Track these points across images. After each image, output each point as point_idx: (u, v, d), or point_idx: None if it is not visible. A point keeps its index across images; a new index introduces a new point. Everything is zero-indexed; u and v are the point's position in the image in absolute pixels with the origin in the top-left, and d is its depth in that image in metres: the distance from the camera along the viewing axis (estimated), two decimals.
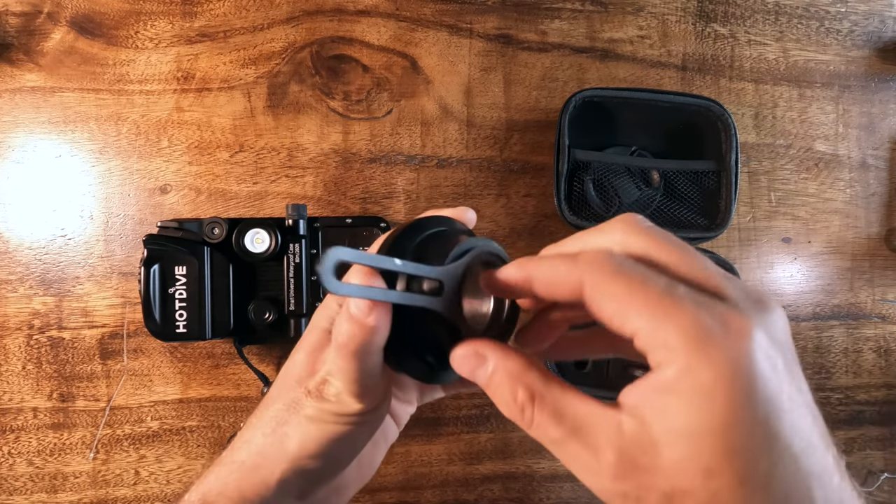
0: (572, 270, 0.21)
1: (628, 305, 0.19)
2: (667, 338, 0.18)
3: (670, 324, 0.18)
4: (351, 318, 0.23)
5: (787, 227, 0.60)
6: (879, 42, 0.62)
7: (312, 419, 0.26)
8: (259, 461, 0.27)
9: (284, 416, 0.27)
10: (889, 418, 0.61)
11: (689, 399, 0.18)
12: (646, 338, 0.19)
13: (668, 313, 0.18)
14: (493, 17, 0.57)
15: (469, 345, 0.23)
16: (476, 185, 0.56)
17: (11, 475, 0.51)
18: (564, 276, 0.21)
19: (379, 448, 0.32)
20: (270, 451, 0.27)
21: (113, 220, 0.53)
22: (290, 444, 0.27)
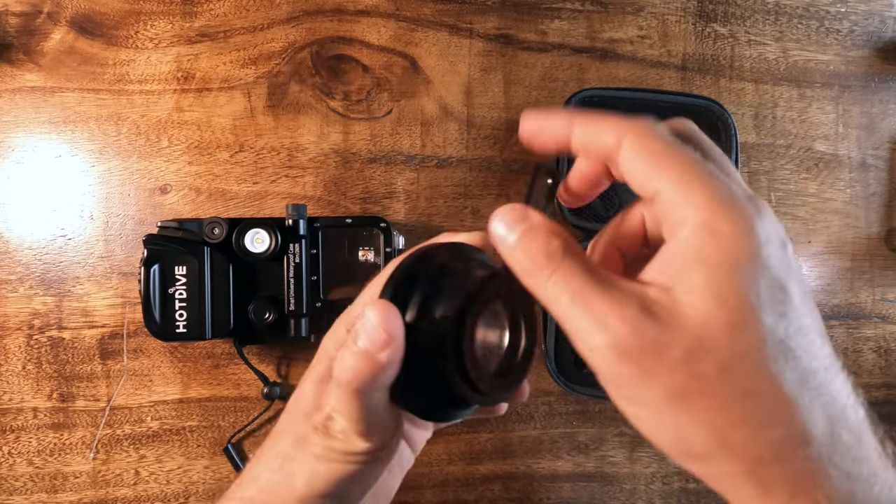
0: (616, 128, 0.21)
1: (663, 164, 0.19)
2: (693, 197, 0.18)
3: (701, 185, 0.19)
4: (359, 353, 0.22)
5: (787, 227, 0.60)
6: (879, 42, 0.62)
7: (320, 458, 0.25)
8: (266, 499, 0.26)
9: (292, 452, 0.26)
10: (889, 418, 0.61)
11: (706, 248, 0.18)
12: (672, 198, 0.19)
13: (700, 177, 0.19)
14: (493, 17, 0.57)
15: (515, 206, 0.22)
16: (476, 185, 0.56)
17: (11, 475, 0.51)
18: (606, 133, 0.21)
19: (395, 476, 0.32)
20: (278, 490, 0.26)
21: (113, 220, 0.53)
22: (297, 482, 0.26)
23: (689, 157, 0.19)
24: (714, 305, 0.18)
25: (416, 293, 0.24)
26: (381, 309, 0.22)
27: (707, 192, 0.19)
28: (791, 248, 0.20)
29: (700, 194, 0.19)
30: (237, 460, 0.52)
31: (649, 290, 0.19)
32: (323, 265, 0.49)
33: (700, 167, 0.19)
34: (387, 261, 0.49)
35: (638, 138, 0.20)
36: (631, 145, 0.20)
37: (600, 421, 0.57)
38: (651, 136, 0.20)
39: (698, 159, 0.20)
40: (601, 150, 0.21)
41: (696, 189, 0.19)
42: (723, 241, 0.18)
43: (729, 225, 0.18)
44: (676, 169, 0.19)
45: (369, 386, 0.23)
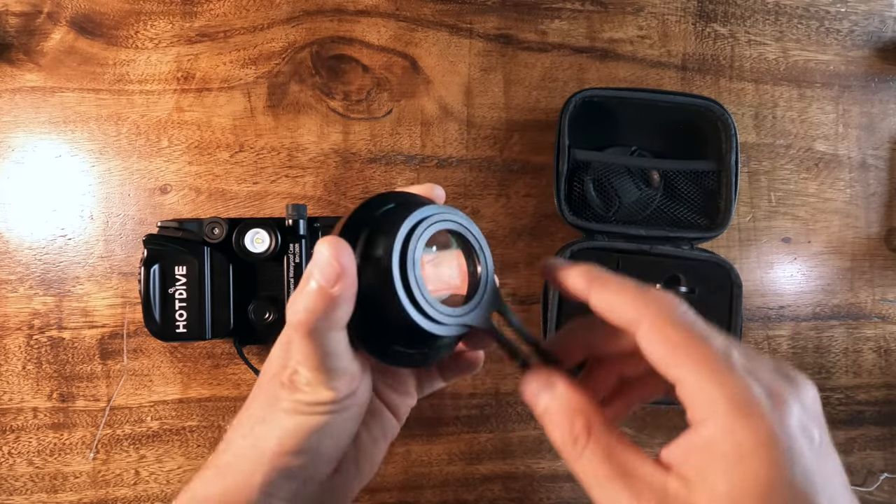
0: (638, 301, 0.21)
1: (683, 355, 0.20)
2: (714, 397, 0.19)
3: (720, 385, 0.19)
4: (312, 291, 0.22)
5: (787, 227, 0.60)
6: (879, 42, 0.62)
7: (288, 412, 0.26)
8: (239, 464, 0.26)
9: (261, 413, 0.27)
10: (889, 418, 0.61)
11: (730, 461, 0.18)
12: (692, 391, 0.19)
13: (721, 374, 0.19)
14: (493, 17, 0.57)
15: (541, 373, 0.23)
16: (476, 185, 0.56)
17: (11, 475, 0.51)
18: (628, 304, 0.21)
19: (378, 445, 0.31)
20: (249, 453, 0.26)
21: (113, 220, 0.53)
22: (267, 442, 0.26)
23: (710, 351, 0.20)
24: None
25: (364, 231, 0.24)
26: (332, 243, 0.22)
27: (727, 392, 0.19)
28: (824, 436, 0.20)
29: (720, 394, 0.19)
30: None
31: (669, 484, 0.19)
32: None
33: (721, 362, 0.19)
34: None
35: (657, 323, 0.21)
36: (650, 331, 0.21)
37: None
38: (670, 321, 0.20)
39: (720, 349, 0.20)
40: (619, 323, 0.22)
41: (715, 388, 0.19)
42: (744, 457, 0.18)
43: (750, 437, 0.18)
44: (696, 363, 0.19)
45: (324, 323, 0.23)
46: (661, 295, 0.21)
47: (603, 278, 0.23)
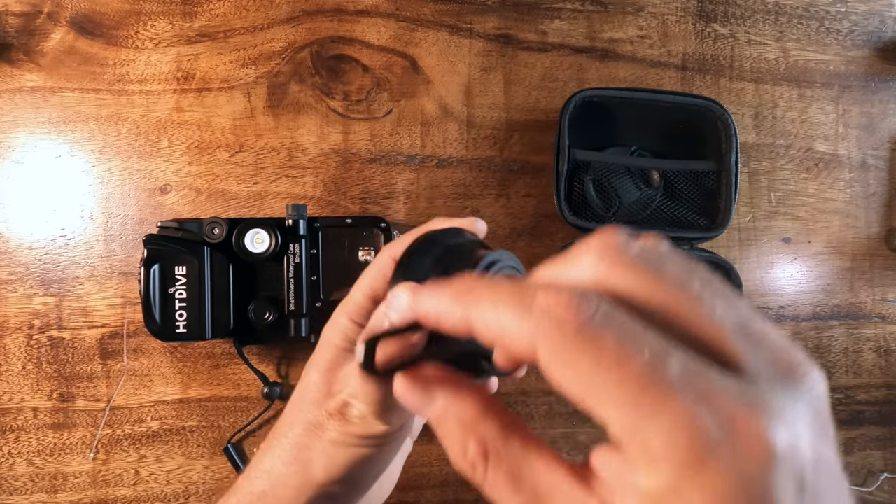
0: (522, 324, 0.15)
1: (597, 390, 0.14)
2: (648, 442, 0.13)
3: (653, 424, 0.13)
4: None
5: (787, 227, 0.60)
6: (879, 42, 0.62)
7: (336, 443, 0.25)
8: (282, 491, 0.26)
9: (305, 440, 0.26)
10: (889, 418, 0.61)
11: None
12: (620, 434, 0.14)
13: (653, 408, 0.13)
14: (493, 17, 0.57)
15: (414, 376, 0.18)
16: (476, 185, 0.56)
17: (11, 475, 0.51)
18: (513, 331, 0.15)
19: (397, 463, 0.32)
20: (294, 480, 0.26)
21: (113, 220, 0.53)
22: (315, 471, 0.26)
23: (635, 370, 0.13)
24: None
25: (429, 273, 0.24)
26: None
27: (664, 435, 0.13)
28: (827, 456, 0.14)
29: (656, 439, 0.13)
30: (237, 460, 0.52)
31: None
32: (323, 265, 0.49)
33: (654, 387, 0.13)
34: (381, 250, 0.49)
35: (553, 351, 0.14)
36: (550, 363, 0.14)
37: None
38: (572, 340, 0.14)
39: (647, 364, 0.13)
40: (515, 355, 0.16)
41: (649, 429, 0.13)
42: None
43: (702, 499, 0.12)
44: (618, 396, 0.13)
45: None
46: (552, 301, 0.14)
47: (476, 294, 0.16)
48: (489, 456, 0.17)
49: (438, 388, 0.18)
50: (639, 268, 0.15)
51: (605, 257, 0.16)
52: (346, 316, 0.28)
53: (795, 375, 0.14)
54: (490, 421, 0.17)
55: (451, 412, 0.17)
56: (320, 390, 0.26)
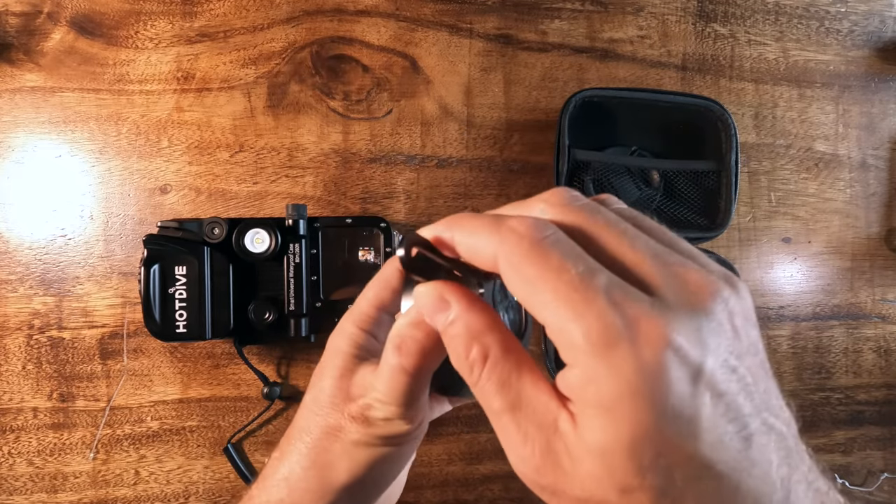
0: (491, 238, 0.18)
1: (539, 292, 0.17)
2: (571, 337, 0.16)
3: (576, 322, 0.16)
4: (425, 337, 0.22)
5: (787, 227, 0.60)
6: (879, 42, 0.62)
7: (359, 444, 0.26)
8: (302, 497, 0.26)
9: (324, 444, 0.26)
10: (889, 418, 0.61)
11: (595, 412, 0.16)
12: (552, 331, 0.17)
13: (577, 309, 0.16)
14: (493, 17, 0.57)
15: (435, 286, 0.21)
16: (476, 185, 0.56)
17: (11, 475, 0.51)
18: (483, 244, 0.19)
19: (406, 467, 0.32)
20: (314, 484, 0.26)
21: (113, 220, 0.53)
22: (337, 473, 0.26)
23: (568, 279, 0.16)
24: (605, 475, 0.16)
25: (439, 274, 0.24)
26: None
27: (584, 330, 0.16)
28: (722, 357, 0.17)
29: (578, 333, 0.16)
30: (237, 460, 0.52)
31: (560, 422, 0.17)
32: (323, 265, 0.49)
33: (577, 292, 0.16)
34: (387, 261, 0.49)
35: (512, 259, 0.18)
36: (506, 269, 0.18)
37: None
38: (525, 253, 0.17)
39: (579, 275, 0.17)
40: (484, 267, 0.19)
41: (572, 326, 0.16)
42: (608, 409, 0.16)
43: (612, 385, 0.16)
44: (553, 298, 0.17)
45: (428, 368, 0.23)
46: (517, 223, 0.18)
47: (461, 219, 0.20)
48: (487, 360, 0.19)
49: (455, 298, 0.20)
50: (579, 211, 0.19)
51: (554, 204, 0.19)
52: (354, 324, 0.28)
53: (704, 297, 0.17)
54: (495, 335, 0.19)
55: (464, 319, 0.20)
56: (336, 395, 0.27)
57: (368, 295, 0.28)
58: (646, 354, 0.16)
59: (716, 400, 0.16)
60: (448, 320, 0.20)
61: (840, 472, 0.60)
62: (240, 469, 0.52)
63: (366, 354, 0.28)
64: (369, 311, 0.28)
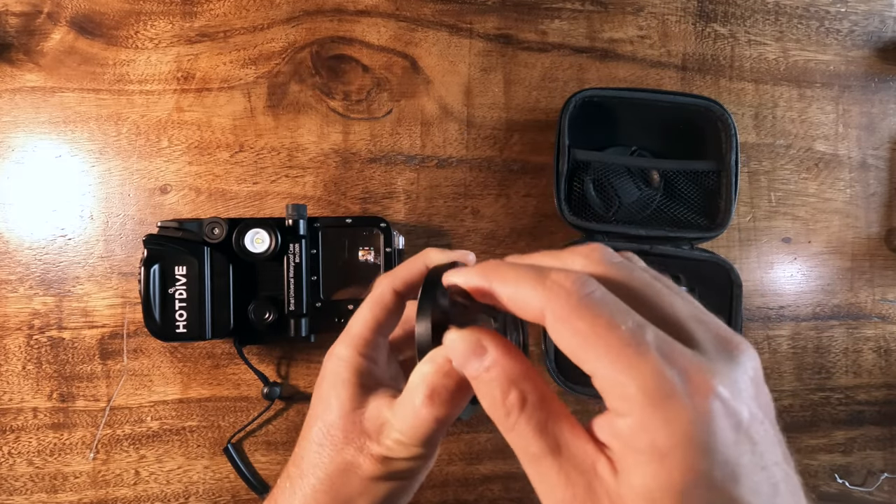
0: (537, 292, 0.19)
1: (590, 346, 0.18)
2: (625, 389, 0.17)
3: (630, 375, 0.17)
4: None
5: (787, 227, 0.60)
6: (879, 42, 0.62)
7: (377, 480, 0.26)
8: None
9: (341, 480, 0.26)
10: (889, 418, 0.61)
11: (647, 460, 0.17)
12: (604, 383, 0.18)
13: (631, 363, 0.17)
14: (493, 17, 0.57)
15: (471, 333, 0.21)
16: (476, 185, 0.56)
17: (11, 475, 0.51)
18: (528, 297, 0.19)
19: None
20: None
21: (113, 220, 0.53)
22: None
23: (621, 335, 0.18)
24: None
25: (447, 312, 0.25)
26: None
27: (639, 383, 0.17)
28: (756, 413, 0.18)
29: (632, 386, 0.17)
30: (237, 460, 0.52)
31: (599, 466, 0.18)
32: (323, 265, 0.49)
33: (630, 347, 0.17)
34: (387, 261, 0.49)
35: (561, 314, 0.18)
36: (555, 323, 0.19)
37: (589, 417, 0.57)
38: (575, 309, 0.18)
39: (631, 330, 0.18)
40: (528, 318, 0.20)
41: (626, 379, 0.17)
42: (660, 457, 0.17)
43: (665, 435, 0.17)
44: (605, 353, 0.18)
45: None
46: (562, 278, 0.19)
47: (500, 270, 0.21)
48: (525, 406, 0.20)
49: (491, 344, 0.21)
50: (618, 268, 0.20)
51: (594, 260, 0.21)
52: (355, 350, 0.28)
53: (734, 351, 0.19)
54: (532, 382, 0.20)
55: (501, 365, 0.20)
56: (349, 430, 0.27)
57: (364, 317, 0.28)
58: (698, 405, 0.17)
59: (752, 448, 0.17)
60: (484, 366, 0.21)
61: (840, 472, 0.60)
62: (240, 469, 0.52)
63: (370, 382, 0.28)
64: (366, 335, 0.28)
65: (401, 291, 0.29)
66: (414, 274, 0.29)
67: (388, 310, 0.29)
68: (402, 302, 0.30)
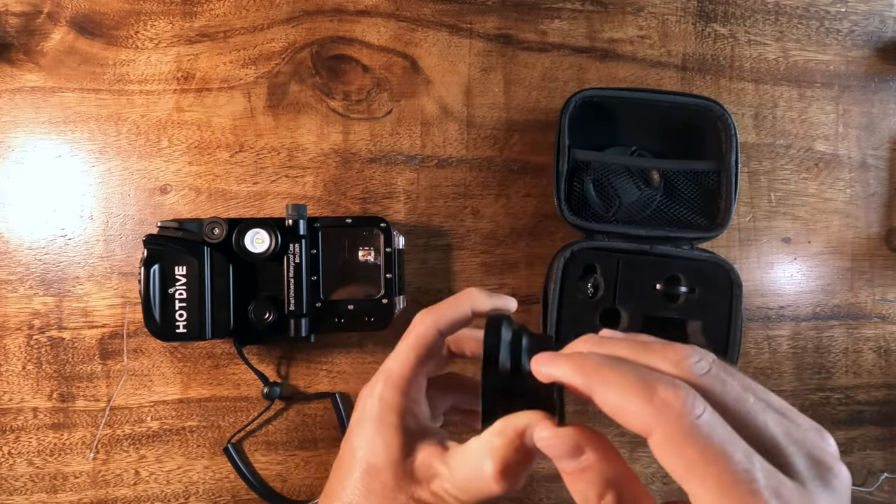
0: (645, 409, 0.19)
1: (698, 475, 0.18)
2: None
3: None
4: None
5: (787, 227, 0.60)
6: (879, 42, 0.62)
7: None
8: None
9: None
10: (889, 418, 0.61)
11: None
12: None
13: (742, 500, 0.17)
14: (493, 17, 0.57)
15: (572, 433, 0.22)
16: (476, 185, 0.56)
17: (11, 475, 0.51)
18: (636, 411, 0.19)
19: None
20: None
21: (113, 220, 0.53)
22: None
23: (731, 470, 0.18)
24: None
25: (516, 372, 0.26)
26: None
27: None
28: None
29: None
30: (237, 460, 0.52)
31: None
32: (323, 265, 0.49)
33: (742, 484, 0.18)
34: (387, 261, 0.49)
35: (672, 437, 0.18)
36: (664, 444, 0.19)
37: (600, 421, 0.57)
38: (685, 435, 0.18)
39: (741, 465, 0.18)
40: (628, 427, 0.20)
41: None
42: None
43: None
44: (715, 485, 0.18)
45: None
46: (672, 396, 0.19)
47: (602, 374, 0.21)
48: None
49: (590, 445, 0.21)
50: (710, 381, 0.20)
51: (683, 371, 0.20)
52: (398, 391, 0.28)
53: (828, 475, 0.19)
54: (629, 485, 0.21)
55: (599, 468, 0.21)
56: (401, 477, 0.27)
57: (407, 357, 0.28)
58: None
59: None
60: (580, 466, 0.21)
61: None
62: (240, 469, 0.52)
63: (414, 425, 0.28)
64: (408, 375, 0.28)
65: (444, 332, 0.29)
66: (459, 315, 0.29)
67: (430, 350, 0.29)
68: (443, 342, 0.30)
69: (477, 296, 0.30)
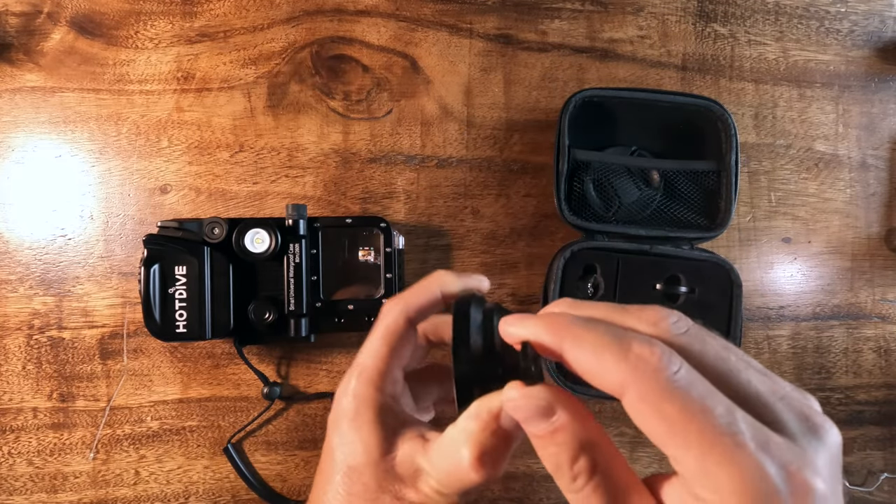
0: (619, 366, 0.18)
1: (678, 433, 0.17)
2: (718, 482, 0.16)
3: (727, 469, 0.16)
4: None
5: (787, 227, 0.60)
6: (879, 42, 0.62)
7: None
8: None
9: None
10: (889, 418, 0.61)
11: None
12: (690, 470, 0.17)
13: (727, 456, 0.16)
14: (493, 17, 0.57)
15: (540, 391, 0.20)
16: (476, 185, 0.56)
17: (11, 475, 0.51)
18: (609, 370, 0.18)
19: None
20: None
21: (113, 220, 0.53)
22: None
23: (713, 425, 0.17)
24: None
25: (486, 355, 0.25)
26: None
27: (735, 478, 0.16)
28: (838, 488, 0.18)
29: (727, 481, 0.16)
30: (237, 460, 0.52)
31: None
32: (323, 265, 0.49)
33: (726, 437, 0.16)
34: (387, 261, 0.49)
35: (647, 395, 0.17)
36: (639, 402, 0.18)
37: (601, 420, 0.57)
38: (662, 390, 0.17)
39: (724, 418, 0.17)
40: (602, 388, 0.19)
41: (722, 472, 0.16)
42: None
43: None
44: (697, 441, 0.17)
45: None
46: (647, 352, 0.18)
47: (574, 332, 0.19)
48: (595, 474, 0.19)
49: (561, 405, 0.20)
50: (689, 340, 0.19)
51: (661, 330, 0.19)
52: (372, 386, 0.27)
53: (819, 431, 0.18)
54: (603, 448, 0.19)
55: (571, 429, 0.19)
56: (380, 477, 0.26)
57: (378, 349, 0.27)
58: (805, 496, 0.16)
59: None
60: (552, 428, 0.20)
61: None
62: (240, 469, 0.52)
63: (393, 421, 0.27)
64: (381, 368, 0.27)
65: (414, 319, 0.28)
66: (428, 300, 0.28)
67: (402, 339, 0.27)
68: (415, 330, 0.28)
69: (445, 277, 0.28)
